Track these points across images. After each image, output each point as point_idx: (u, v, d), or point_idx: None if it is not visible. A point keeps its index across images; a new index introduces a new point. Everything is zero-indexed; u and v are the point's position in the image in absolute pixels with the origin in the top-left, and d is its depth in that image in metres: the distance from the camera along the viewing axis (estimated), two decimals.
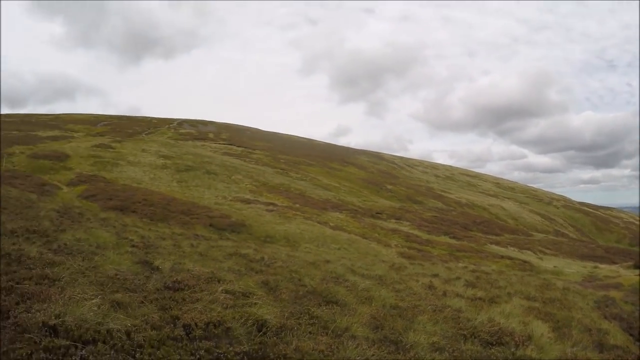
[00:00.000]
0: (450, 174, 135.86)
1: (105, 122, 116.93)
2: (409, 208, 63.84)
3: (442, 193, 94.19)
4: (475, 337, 8.68)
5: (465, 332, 8.87)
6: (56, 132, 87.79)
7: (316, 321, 7.80)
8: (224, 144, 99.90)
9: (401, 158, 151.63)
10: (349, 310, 9.13)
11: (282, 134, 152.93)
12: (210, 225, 34.89)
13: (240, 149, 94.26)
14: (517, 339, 8.84)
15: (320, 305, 9.12)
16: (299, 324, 7.40)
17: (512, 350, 8.36)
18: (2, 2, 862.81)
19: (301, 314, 8.14)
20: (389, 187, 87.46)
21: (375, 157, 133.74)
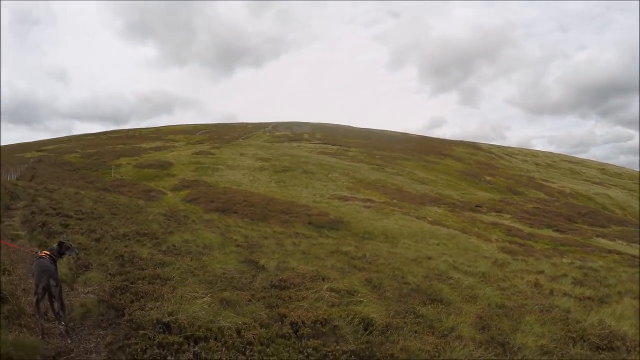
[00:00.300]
0: (551, 162, 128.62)
1: (203, 131, 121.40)
2: (510, 200, 61.33)
3: (544, 182, 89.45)
4: (584, 341, 8.02)
5: (574, 335, 8.21)
6: (158, 143, 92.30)
7: (421, 320, 7.56)
8: (319, 143, 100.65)
9: (499, 147, 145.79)
10: (454, 309, 8.80)
11: (375, 129, 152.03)
12: (309, 223, 35.13)
13: (335, 147, 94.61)
14: (629, 344, 8.04)
15: (425, 304, 8.84)
16: (405, 323, 7.16)
17: (624, 356, 7.63)
18: (95, 30, 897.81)
19: (406, 312, 7.90)
20: (488, 178, 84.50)
21: (472, 147, 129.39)
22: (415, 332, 6.90)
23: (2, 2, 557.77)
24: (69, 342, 5.52)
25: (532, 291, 12.96)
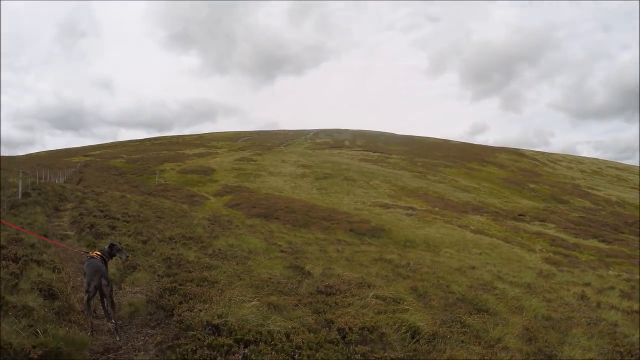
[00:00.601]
0: (597, 168, 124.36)
1: (245, 138, 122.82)
2: (554, 208, 59.71)
3: (589, 190, 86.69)
4: (632, 355, 7.70)
5: (621, 350, 7.86)
6: (201, 150, 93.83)
7: (468, 330, 7.38)
8: (360, 150, 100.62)
9: (543, 153, 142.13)
10: (500, 319, 8.60)
11: (417, 136, 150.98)
12: (351, 230, 34.98)
13: (376, 154, 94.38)
14: None
15: (471, 314, 8.65)
16: (451, 332, 6.99)
17: None
18: (139, 41, 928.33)
19: (452, 322, 7.73)
20: (532, 186, 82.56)
21: (515, 154, 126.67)
22: (462, 341, 6.75)
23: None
24: (118, 339, 5.63)
25: (579, 303, 12.70)
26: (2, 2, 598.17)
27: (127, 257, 7.15)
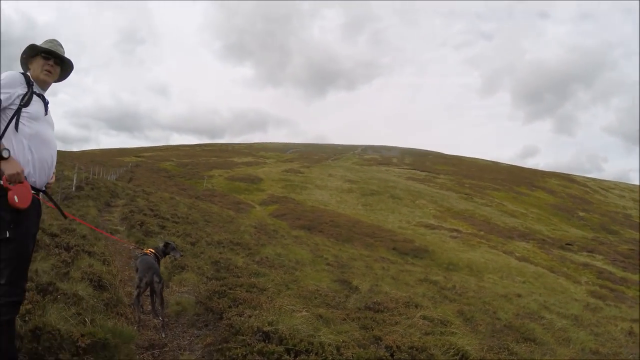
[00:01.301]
0: None
1: (293, 150, 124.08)
2: (603, 239, 57.55)
3: None
4: None
5: None
6: (250, 159, 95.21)
7: (515, 358, 7.25)
8: (407, 168, 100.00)
9: (594, 180, 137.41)
10: (547, 350, 8.43)
11: (465, 157, 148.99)
12: (394, 248, 34.60)
13: (423, 173, 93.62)
14: None
15: (518, 342, 8.48)
16: (499, 359, 6.86)
17: None
18: (194, 50, 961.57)
19: (500, 348, 7.55)
20: (581, 214, 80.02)
21: (566, 179, 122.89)
22: None
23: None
24: (164, 336, 5.60)
25: (627, 339, 12.52)
26: (65, 3, 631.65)
27: (181, 255, 7.18)
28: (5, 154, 3.16)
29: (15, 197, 3.17)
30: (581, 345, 9.89)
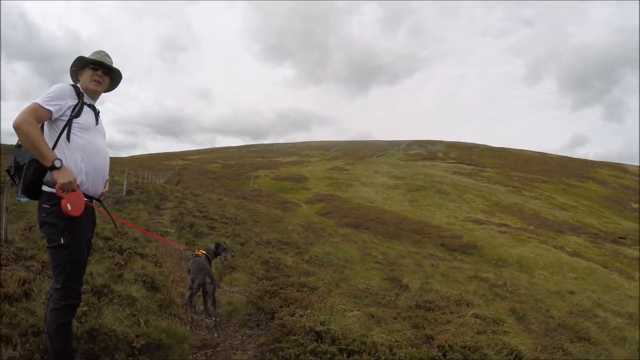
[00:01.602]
0: None
1: (337, 147, 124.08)
2: None
3: None
4: None
5: None
6: (294, 158, 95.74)
7: (569, 358, 7.02)
8: (453, 162, 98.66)
9: None
10: (602, 350, 8.15)
11: (512, 149, 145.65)
12: (442, 245, 34.21)
13: (470, 167, 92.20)
14: None
15: (572, 341, 8.20)
16: (553, 359, 6.64)
17: None
18: (235, 54, 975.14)
19: (553, 348, 7.33)
20: (634, 205, 76.84)
21: (618, 169, 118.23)
22: None
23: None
24: (216, 335, 5.65)
25: None
26: (106, 15, 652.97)
27: (232, 256, 7.24)
28: (57, 164, 3.23)
29: (68, 205, 3.26)
30: (637, 344, 9.55)
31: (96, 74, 3.70)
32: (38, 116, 3.27)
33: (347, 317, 5.91)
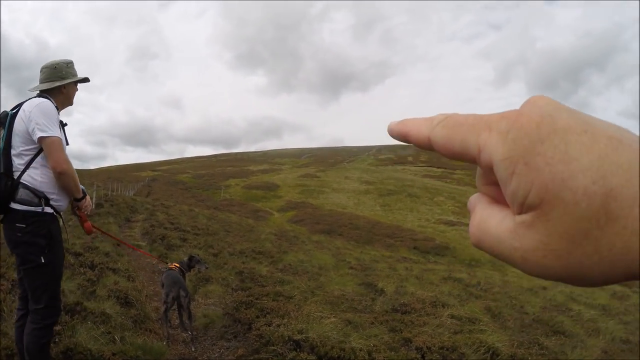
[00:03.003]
0: None
1: (308, 155, 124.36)
2: None
3: None
4: None
5: None
6: (265, 166, 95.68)
7: (546, 352, 7.11)
8: (423, 166, 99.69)
9: None
10: (577, 342, 8.32)
11: None
12: (415, 247, 34.43)
13: (440, 170, 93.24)
14: None
15: (548, 336, 8.38)
16: (530, 354, 6.68)
17: None
18: (206, 63, 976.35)
19: (530, 343, 7.42)
20: None
21: None
22: None
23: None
24: (193, 349, 5.57)
25: None
26: (75, 23, 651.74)
27: (207, 268, 7.17)
28: (85, 192, 3.41)
29: (91, 226, 3.41)
30: (611, 335, 9.72)
31: (76, 89, 3.68)
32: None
33: (325, 324, 5.92)
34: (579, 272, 0.36)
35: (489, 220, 0.42)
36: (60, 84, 3.54)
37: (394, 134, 0.48)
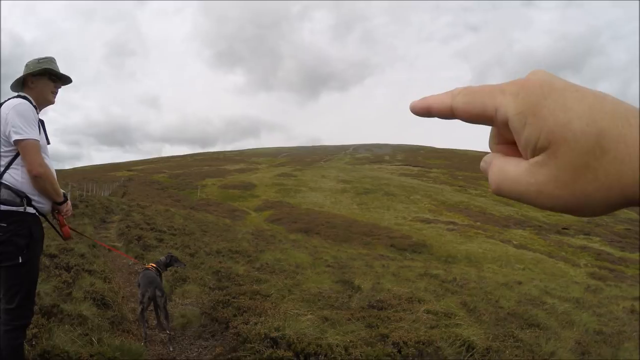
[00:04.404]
0: None
1: (285, 154, 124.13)
2: (599, 221, 57.67)
3: None
4: None
5: None
6: (242, 165, 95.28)
7: (521, 344, 7.23)
8: (400, 165, 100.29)
9: None
10: (552, 334, 8.46)
11: (457, 150, 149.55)
12: (392, 245, 34.63)
13: (416, 168, 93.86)
14: None
15: (522, 328, 8.55)
16: (505, 346, 6.79)
17: None
18: (185, 60, 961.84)
19: (505, 336, 7.54)
20: None
21: None
22: (516, 355, 6.59)
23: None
24: (171, 349, 5.59)
25: (629, 318, 12.62)
26: (51, 18, 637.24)
27: (185, 266, 7.17)
28: (66, 196, 3.34)
29: (69, 230, 3.35)
30: (585, 326, 9.94)
31: (57, 86, 3.55)
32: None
33: (301, 321, 5.97)
34: (585, 199, 0.47)
35: (507, 166, 0.54)
36: (20, 77, 3.46)
37: (416, 110, 0.60)
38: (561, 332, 8.81)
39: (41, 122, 3.42)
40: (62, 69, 3.61)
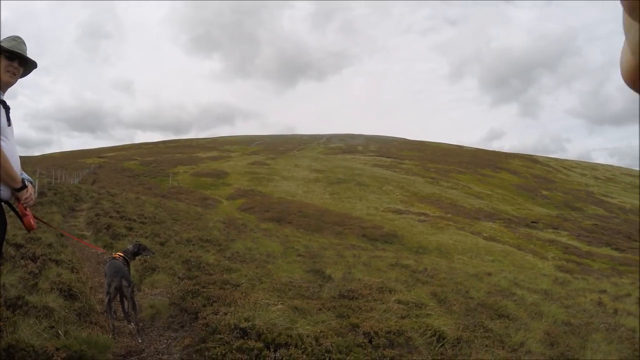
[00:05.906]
0: (611, 175, 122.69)
1: (258, 142, 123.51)
2: (567, 216, 59.18)
3: (603, 197, 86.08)
4: None
5: None
6: (214, 153, 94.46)
7: (491, 334, 7.34)
8: (373, 155, 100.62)
9: (557, 160, 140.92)
10: (521, 324, 8.62)
11: (430, 142, 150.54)
12: (363, 235, 34.90)
13: (389, 159, 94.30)
14: None
15: (492, 319, 8.64)
16: (475, 336, 6.91)
17: None
18: (160, 44, 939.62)
19: (475, 326, 7.65)
20: (545, 193, 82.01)
21: (529, 160, 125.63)
22: (486, 345, 6.68)
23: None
24: (140, 341, 5.51)
25: (597, 310, 12.98)
26: (22, 2, 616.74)
27: (153, 254, 7.10)
28: (26, 183, 3.18)
29: (32, 221, 3.25)
30: (553, 318, 10.10)
31: (11, 64, 3.29)
32: None
33: (272, 311, 5.95)
34: None
35: None
36: None
37: None
38: (530, 323, 8.96)
39: (2, 103, 3.24)
40: (33, 52, 3.45)
